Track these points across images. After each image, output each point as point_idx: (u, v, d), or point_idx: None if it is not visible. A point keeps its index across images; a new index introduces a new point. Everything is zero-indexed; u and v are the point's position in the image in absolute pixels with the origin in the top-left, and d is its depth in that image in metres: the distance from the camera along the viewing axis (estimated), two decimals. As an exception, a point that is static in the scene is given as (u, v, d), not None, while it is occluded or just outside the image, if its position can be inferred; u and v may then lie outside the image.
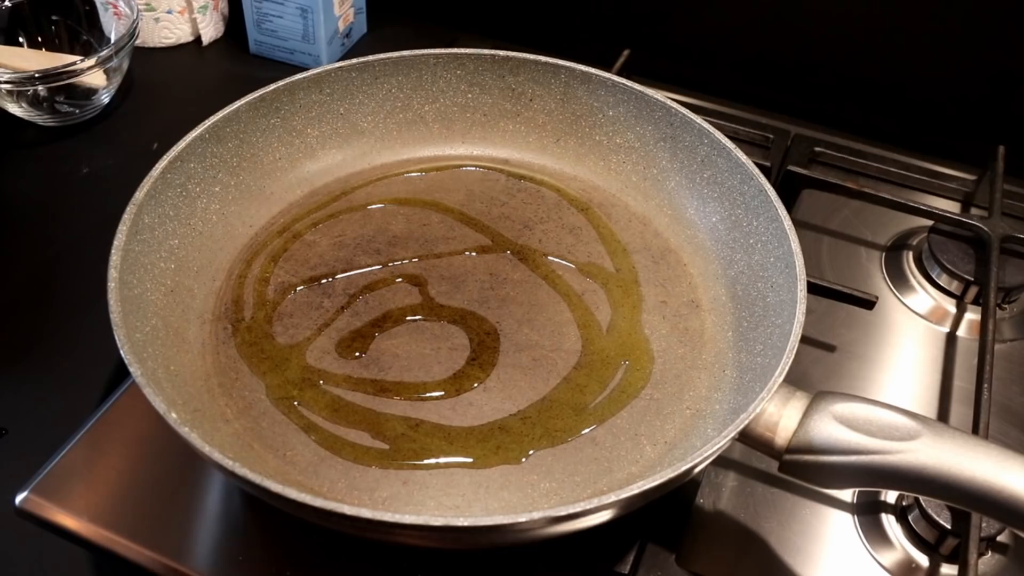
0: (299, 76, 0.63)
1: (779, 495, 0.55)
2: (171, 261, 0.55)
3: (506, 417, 0.52)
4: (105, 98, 0.80)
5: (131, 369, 0.45)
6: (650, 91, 0.65)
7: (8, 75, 0.72)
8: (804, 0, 0.79)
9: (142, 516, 0.50)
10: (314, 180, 0.66)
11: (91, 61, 0.74)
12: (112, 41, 0.79)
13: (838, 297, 0.63)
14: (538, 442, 0.51)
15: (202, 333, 0.55)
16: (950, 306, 0.68)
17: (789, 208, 0.59)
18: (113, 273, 0.49)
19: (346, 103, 0.66)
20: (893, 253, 0.72)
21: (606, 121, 0.67)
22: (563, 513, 0.40)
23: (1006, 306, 0.68)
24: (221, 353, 0.54)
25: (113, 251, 0.50)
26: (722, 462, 0.56)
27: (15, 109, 0.76)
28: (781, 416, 0.46)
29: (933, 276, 0.69)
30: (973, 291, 0.67)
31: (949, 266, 0.68)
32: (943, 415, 0.61)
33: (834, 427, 0.45)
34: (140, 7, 0.82)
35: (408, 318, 0.58)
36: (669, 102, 0.64)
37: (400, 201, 0.66)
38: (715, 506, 0.54)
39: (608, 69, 0.69)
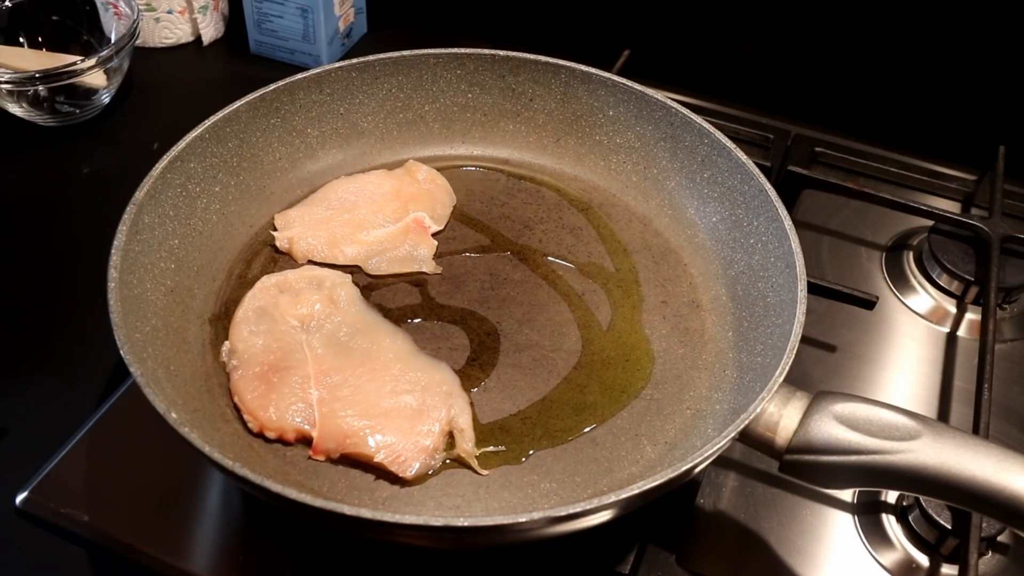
0: (299, 76, 0.63)
1: (779, 495, 0.55)
2: (171, 261, 0.55)
3: (506, 417, 0.52)
4: (105, 98, 0.80)
5: (131, 369, 0.45)
6: (650, 91, 0.65)
7: (8, 75, 0.72)
8: (804, 0, 0.79)
9: (142, 516, 0.50)
10: (314, 180, 0.66)
11: (91, 61, 0.74)
12: (112, 41, 0.79)
13: (838, 297, 0.63)
14: (538, 442, 0.51)
15: (202, 333, 0.55)
16: (950, 306, 0.68)
17: (789, 208, 0.59)
18: (113, 273, 0.49)
19: (346, 103, 0.66)
20: (893, 253, 0.72)
21: (606, 121, 0.67)
22: (563, 513, 0.40)
23: (1006, 306, 0.68)
24: (221, 353, 0.54)
25: (113, 251, 0.50)
26: (722, 462, 0.56)
27: (15, 109, 0.76)
28: (781, 416, 0.46)
29: (933, 276, 0.69)
30: (973, 291, 0.67)
31: (949, 266, 0.68)
32: (943, 415, 0.61)
33: (834, 427, 0.45)
34: (140, 7, 0.82)
35: (408, 318, 0.58)
36: (669, 102, 0.64)
37: (400, 201, 0.65)
38: (715, 506, 0.54)
39: (608, 69, 0.69)
